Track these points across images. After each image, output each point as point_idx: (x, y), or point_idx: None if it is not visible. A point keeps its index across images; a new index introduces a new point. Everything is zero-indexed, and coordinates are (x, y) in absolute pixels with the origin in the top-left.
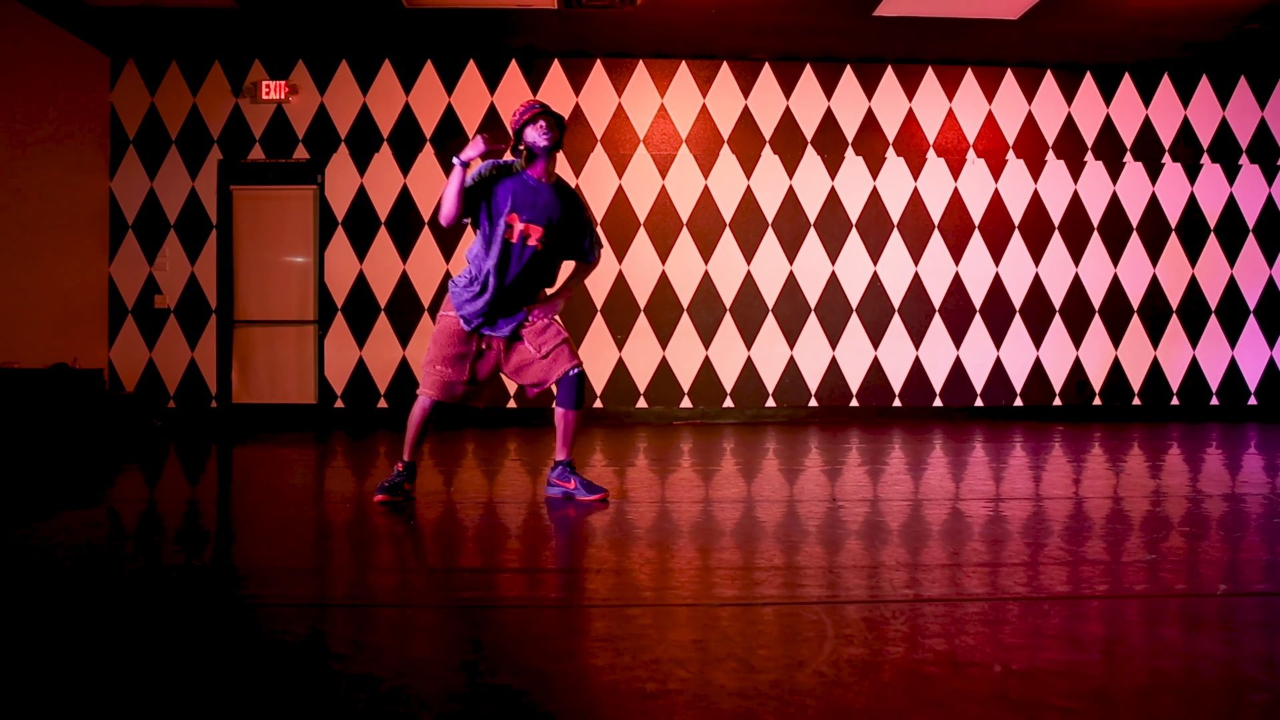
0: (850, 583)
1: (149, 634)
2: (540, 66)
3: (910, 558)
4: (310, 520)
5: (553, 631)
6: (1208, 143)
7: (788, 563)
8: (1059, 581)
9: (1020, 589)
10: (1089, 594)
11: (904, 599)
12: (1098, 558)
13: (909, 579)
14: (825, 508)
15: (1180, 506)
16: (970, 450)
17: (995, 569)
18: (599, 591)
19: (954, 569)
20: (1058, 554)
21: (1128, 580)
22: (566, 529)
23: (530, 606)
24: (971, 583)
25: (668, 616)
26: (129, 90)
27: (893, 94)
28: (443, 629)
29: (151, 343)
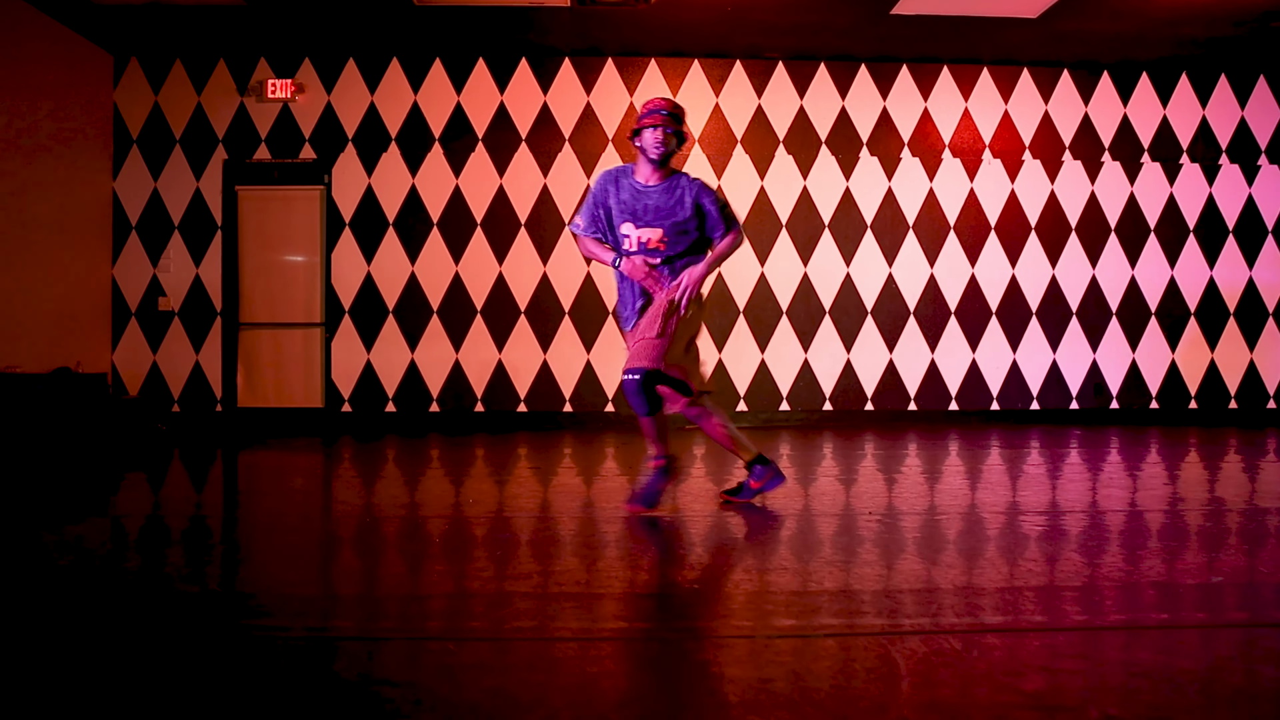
0: (909, 608)
1: (149, 670)
2: (551, 65)
3: (966, 578)
4: (321, 535)
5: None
6: (1226, 143)
7: (842, 587)
8: (1145, 608)
9: (1083, 616)
10: (1185, 623)
11: (968, 628)
12: (1183, 577)
13: (967, 604)
14: (863, 521)
15: (1238, 521)
16: (987, 455)
17: (1059, 591)
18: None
19: (1015, 591)
20: (1130, 574)
21: (1221, 606)
22: (559, 545)
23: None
24: (1036, 608)
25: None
26: (133, 89)
27: (908, 93)
28: (494, 667)
29: (155, 346)
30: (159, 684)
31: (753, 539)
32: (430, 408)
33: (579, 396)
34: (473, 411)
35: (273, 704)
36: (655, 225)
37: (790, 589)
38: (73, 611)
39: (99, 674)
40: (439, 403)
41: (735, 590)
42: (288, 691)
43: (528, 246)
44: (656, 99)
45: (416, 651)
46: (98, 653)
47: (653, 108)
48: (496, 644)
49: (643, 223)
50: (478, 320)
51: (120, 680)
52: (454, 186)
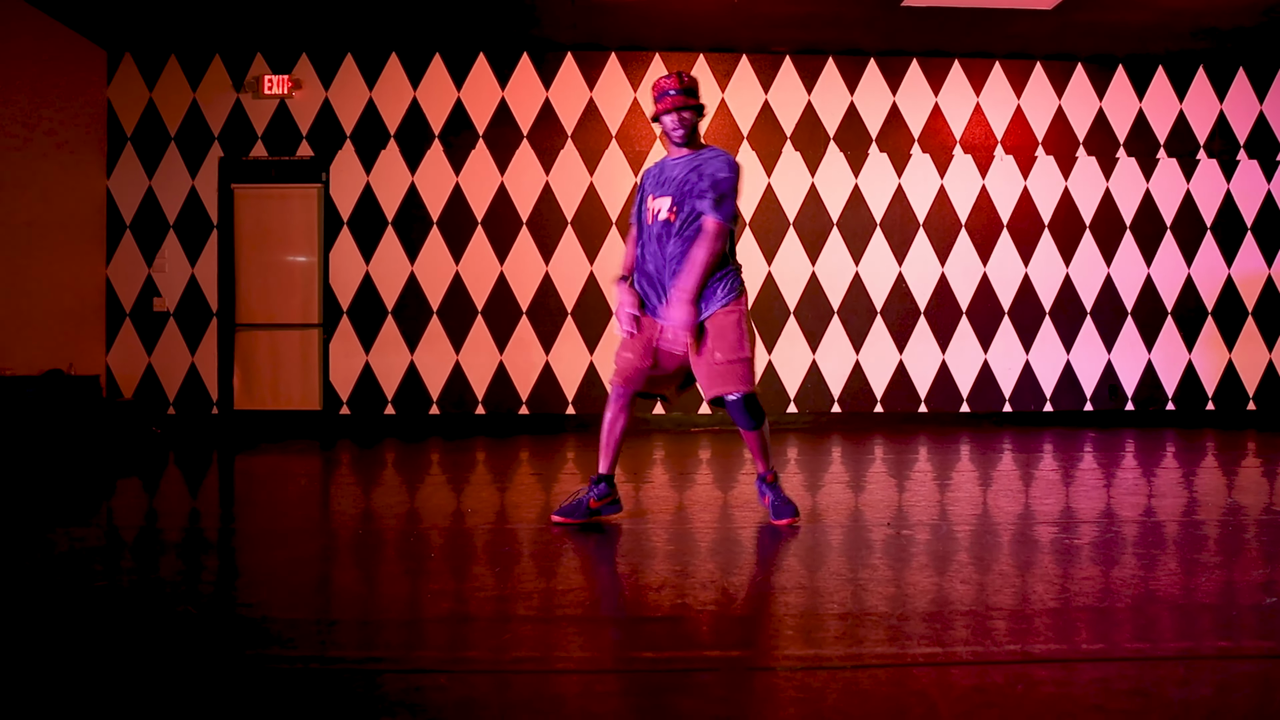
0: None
1: (133, 686)
2: (553, 60)
3: (1017, 601)
4: (315, 549)
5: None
6: (1245, 138)
7: (857, 608)
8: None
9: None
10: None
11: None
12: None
13: (1012, 630)
14: (900, 535)
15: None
16: (1000, 459)
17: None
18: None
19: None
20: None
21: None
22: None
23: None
24: (1089, 636)
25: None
26: (126, 85)
27: (918, 88)
28: (491, 704)
29: (150, 347)
30: (144, 700)
31: (771, 552)
32: (430, 410)
33: (582, 399)
34: (473, 414)
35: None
36: (665, 194)
37: (805, 609)
38: (52, 625)
39: (86, 685)
40: (439, 405)
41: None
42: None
43: (529, 246)
44: (664, 80)
45: (416, 683)
46: (85, 665)
47: (662, 90)
48: (496, 676)
49: (660, 193)
50: (478, 321)
51: (107, 693)
52: (454, 184)
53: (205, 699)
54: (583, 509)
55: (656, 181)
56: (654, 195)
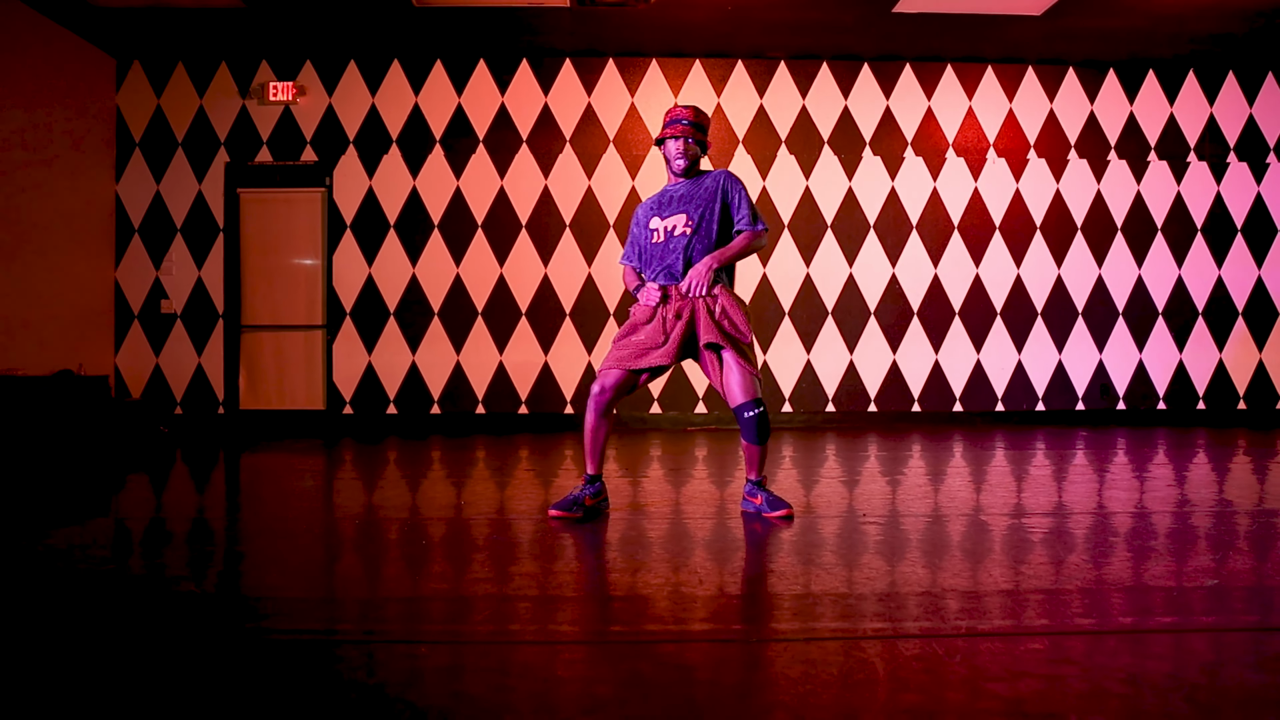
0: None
1: (144, 669)
2: (551, 66)
3: (976, 582)
4: (318, 539)
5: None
6: (1234, 140)
7: (843, 590)
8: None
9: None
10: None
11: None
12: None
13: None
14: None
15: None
16: (992, 457)
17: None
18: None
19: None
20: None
21: (1195, 609)
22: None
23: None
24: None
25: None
26: (135, 92)
27: (911, 92)
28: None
29: (158, 348)
30: (151, 682)
31: (760, 541)
32: (431, 410)
33: (581, 398)
34: (474, 414)
35: (272, 701)
36: (679, 212)
37: (790, 592)
38: (71, 611)
39: (96, 673)
40: (440, 405)
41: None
42: (285, 689)
43: (529, 248)
44: (679, 108)
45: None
46: (95, 651)
47: (674, 117)
48: (475, 646)
49: (668, 213)
50: (479, 322)
51: (117, 678)
52: (455, 188)
53: (207, 662)
54: (579, 504)
55: (659, 206)
56: (661, 217)
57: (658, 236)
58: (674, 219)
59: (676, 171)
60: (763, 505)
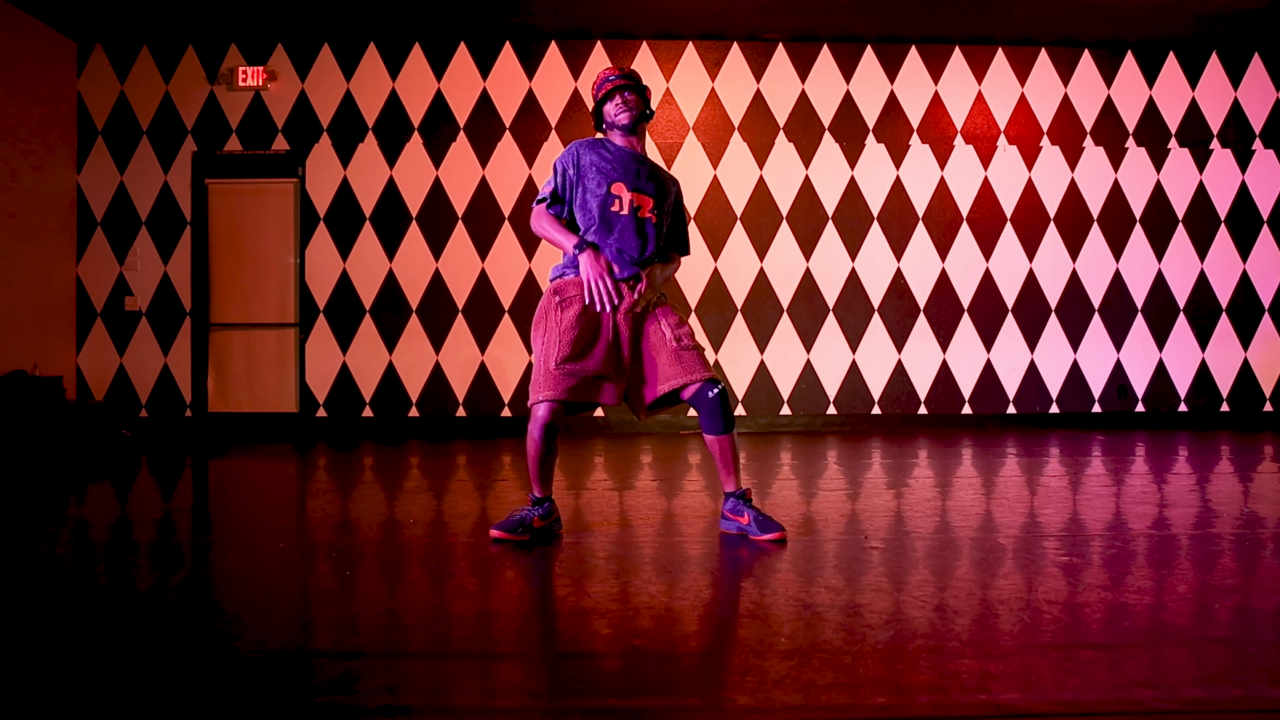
0: None
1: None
2: (536, 49)
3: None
4: (288, 565)
5: None
6: (1261, 127)
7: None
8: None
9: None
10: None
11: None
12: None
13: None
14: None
15: None
16: (1003, 464)
17: None
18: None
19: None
20: None
21: None
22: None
23: None
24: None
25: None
26: (97, 78)
27: (917, 76)
28: None
29: (122, 348)
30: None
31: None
32: (410, 413)
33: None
34: (454, 416)
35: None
36: (649, 195)
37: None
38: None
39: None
40: (418, 407)
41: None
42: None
43: (511, 241)
44: (603, 70)
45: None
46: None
47: (603, 77)
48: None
49: (636, 186)
50: (459, 320)
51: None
52: (434, 178)
53: (166, 675)
54: (525, 526)
55: (623, 169)
56: (628, 185)
57: (621, 206)
58: (643, 198)
59: (623, 126)
60: (750, 526)
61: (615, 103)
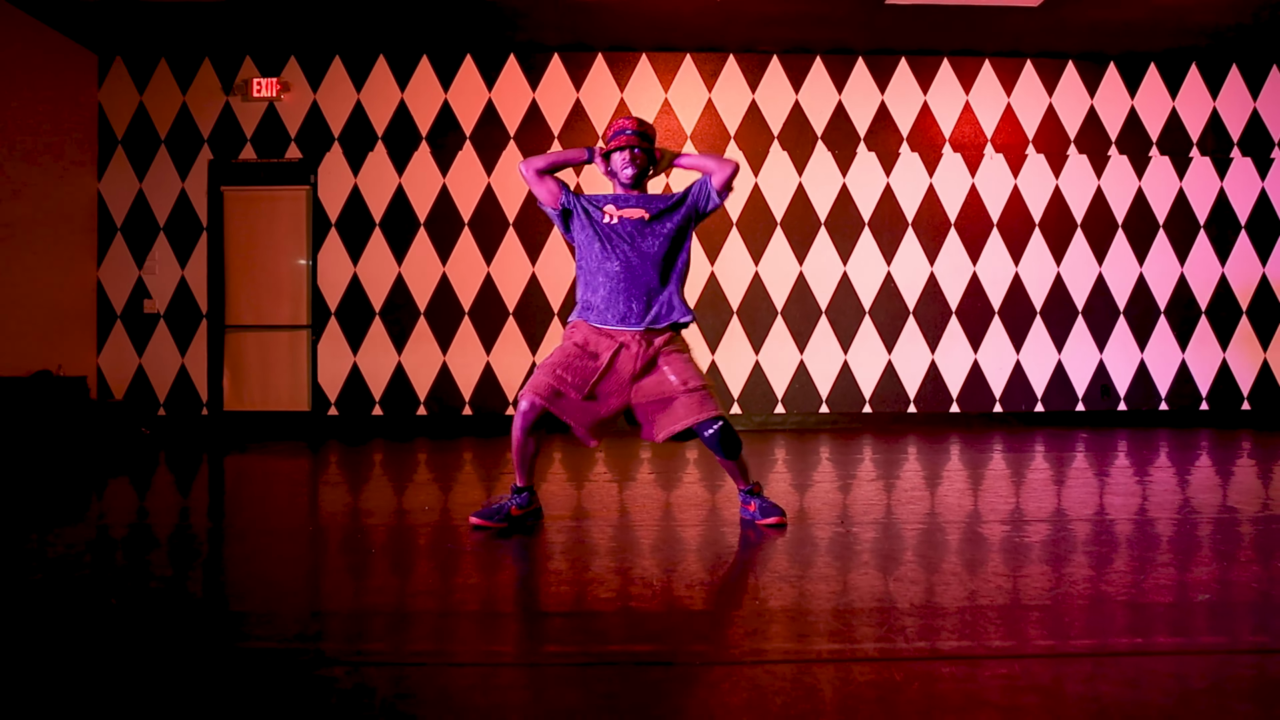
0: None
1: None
2: (540, 61)
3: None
4: (300, 548)
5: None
6: (1238, 135)
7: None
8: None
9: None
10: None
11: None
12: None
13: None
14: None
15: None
16: (989, 460)
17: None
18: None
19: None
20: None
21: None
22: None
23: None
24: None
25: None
26: (117, 89)
27: (907, 86)
28: None
29: (141, 349)
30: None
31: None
32: (417, 411)
33: None
34: (461, 414)
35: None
36: (634, 207)
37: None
38: (42, 614)
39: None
40: (426, 406)
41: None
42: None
43: (516, 247)
44: (622, 119)
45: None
46: (70, 648)
47: (619, 128)
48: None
49: (625, 205)
50: (465, 322)
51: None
52: (441, 186)
53: (185, 668)
54: (503, 514)
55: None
56: (617, 205)
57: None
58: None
59: (625, 182)
60: (755, 513)
61: (624, 156)
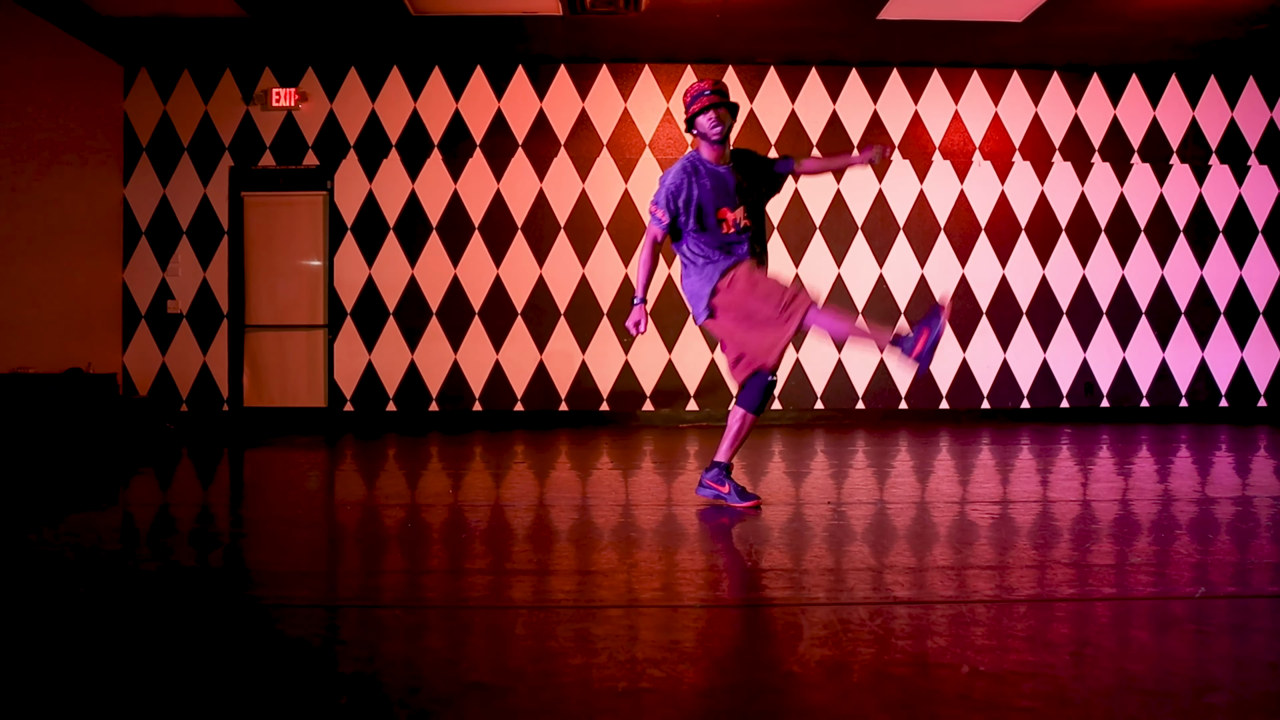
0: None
1: (155, 642)
2: (546, 72)
3: (916, 560)
4: (318, 529)
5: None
6: (1216, 144)
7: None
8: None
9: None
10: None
11: (878, 600)
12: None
13: (913, 580)
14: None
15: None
16: (978, 452)
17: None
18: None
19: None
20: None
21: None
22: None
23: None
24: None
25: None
26: (142, 98)
27: (898, 97)
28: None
29: (164, 347)
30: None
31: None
32: (430, 407)
33: (574, 395)
34: (471, 411)
35: (246, 645)
36: (739, 205)
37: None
38: (76, 597)
39: (91, 658)
40: (438, 402)
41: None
42: (266, 641)
43: (524, 250)
44: (698, 83)
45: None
46: (103, 633)
47: (697, 90)
48: (439, 610)
49: (733, 204)
50: (476, 322)
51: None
52: (453, 191)
53: (208, 622)
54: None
55: (723, 192)
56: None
57: (729, 228)
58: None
59: (715, 139)
60: (730, 494)
61: (710, 117)
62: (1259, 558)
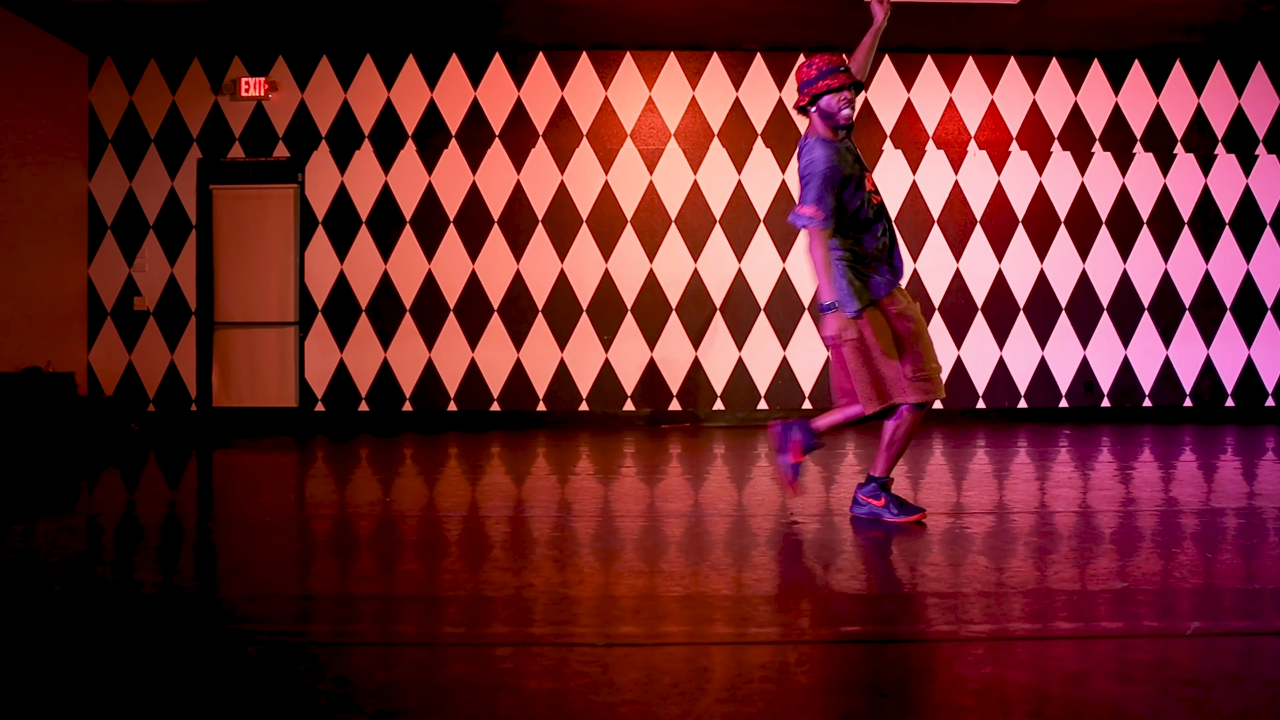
0: None
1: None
2: (524, 60)
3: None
4: (287, 543)
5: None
6: (1222, 132)
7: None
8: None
9: None
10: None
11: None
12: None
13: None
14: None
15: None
16: (973, 454)
17: None
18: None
19: None
20: None
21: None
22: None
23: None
24: None
25: None
26: (107, 89)
27: (890, 84)
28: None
29: (131, 345)
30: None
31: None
32: (403, 407)
33: (553, 395)
34: (446, 411)
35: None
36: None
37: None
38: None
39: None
40: (412, 402)
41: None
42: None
43: (500, 244)
44: (820, 58)
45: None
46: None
47: (825, 67)
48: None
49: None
50: (450, 319)
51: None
52: (427, 184)
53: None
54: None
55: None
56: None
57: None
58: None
59: (844, 123)
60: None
61: (842, 98)
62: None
